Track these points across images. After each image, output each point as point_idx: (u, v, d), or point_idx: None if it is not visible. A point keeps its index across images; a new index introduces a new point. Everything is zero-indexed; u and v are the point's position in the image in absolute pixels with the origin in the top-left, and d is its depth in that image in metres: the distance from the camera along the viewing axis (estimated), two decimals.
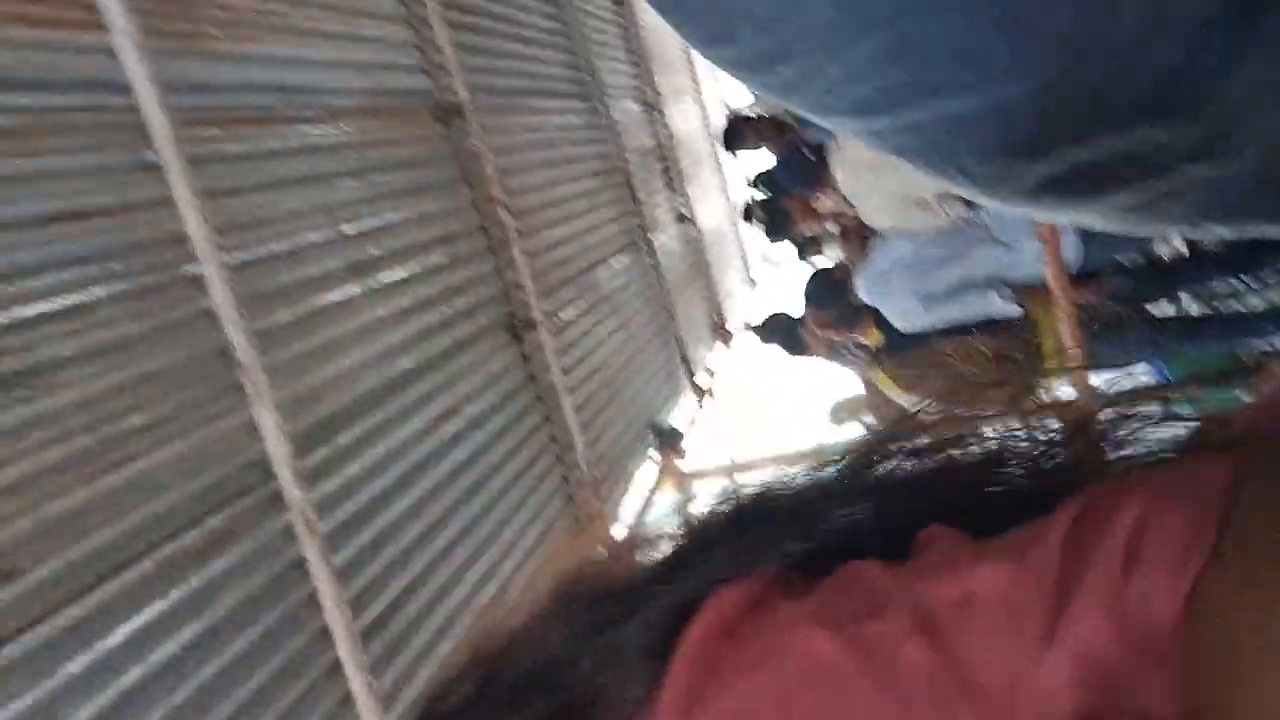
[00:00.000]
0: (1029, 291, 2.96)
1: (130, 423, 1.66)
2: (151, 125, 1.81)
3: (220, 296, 1.88)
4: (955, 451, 0.55)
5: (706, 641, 0.47)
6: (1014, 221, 2.95)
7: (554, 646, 0.50)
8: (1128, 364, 3.15)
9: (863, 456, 0.56)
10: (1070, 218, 0.55)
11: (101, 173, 1.72)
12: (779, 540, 0.52)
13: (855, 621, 0.44)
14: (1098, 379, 0.58)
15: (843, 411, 3.89)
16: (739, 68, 0.52)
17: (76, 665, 1.45)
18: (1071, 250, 2.85)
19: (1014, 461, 0.55)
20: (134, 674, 1.54)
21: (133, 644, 1.56)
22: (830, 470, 0.56)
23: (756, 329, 3.97)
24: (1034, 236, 2.85)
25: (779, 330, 3.77)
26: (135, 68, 1.79)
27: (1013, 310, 3.01)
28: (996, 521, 0.50)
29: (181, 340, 1.81)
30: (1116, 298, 3.02)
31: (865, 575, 0.48)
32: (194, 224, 1.84)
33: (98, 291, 1.66)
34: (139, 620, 1.58)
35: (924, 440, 0.56)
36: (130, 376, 1.68)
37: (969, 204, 3.02)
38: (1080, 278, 2.89)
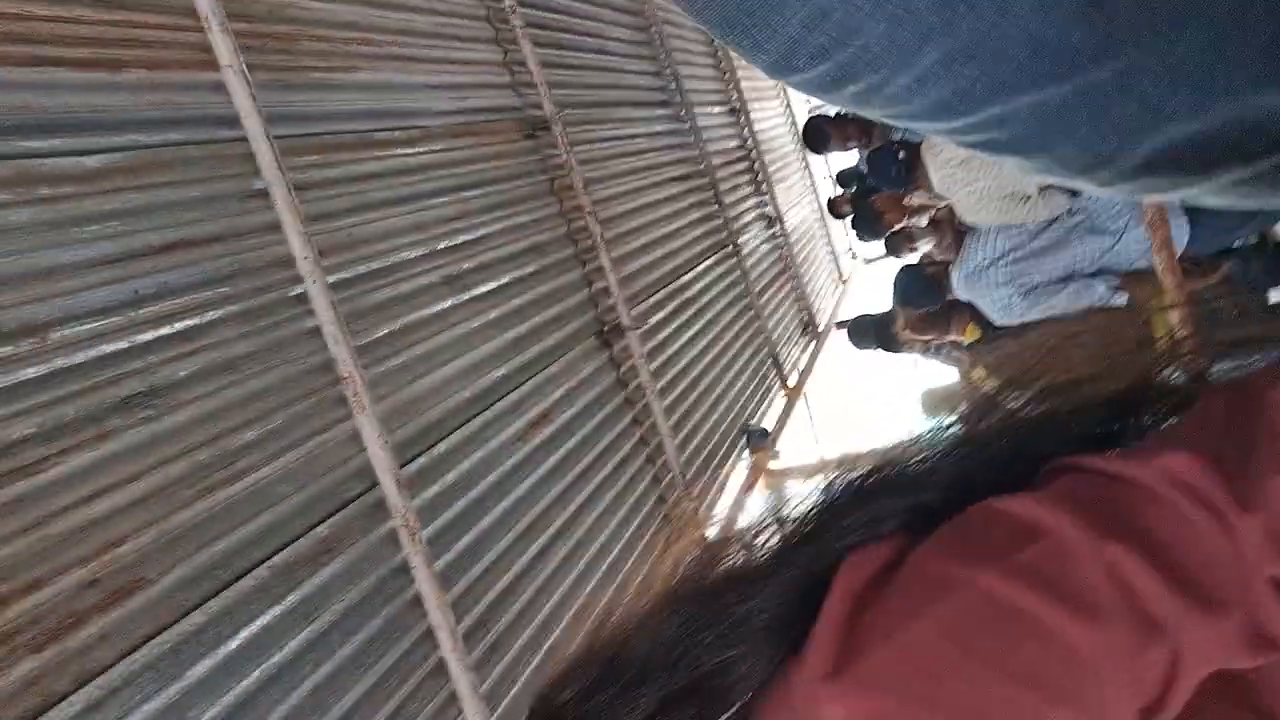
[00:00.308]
0: (1136, 280, 2.84)
1: (244, 437, 1.75)
2: (259, 155, 1.90)
3: (323, 314, 1.96)
4: (1058, 403, 0.56)
5: (851, 601, 0.48)
6: (1118, 208, 2.84)
7: (677, 629, 0.51)
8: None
9: (973, 415, 0.57)
10: (1181, 195, 0.53)
11: (213, 202, 1.82)
12: (901, 501, 0.53)
13: (1009, 555, 0.45)
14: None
15: (935, 400, 3.80)
16: (809, 88, 0.52)
17: (201, 668, 1.54)
18: (1181, 235, 2.72)
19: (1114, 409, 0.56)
20: (254, 676, 1.63)
21: (252, 647, 1.65)
22: (941, 433, 0.57)
23: (849, 336, 3.92)
24: (1140, 223, 2.74)
25: (869, 333, 3.71)
26: (243, 101, 1.89)
27: (1119, 300, 2.89)
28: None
29: (288, 357, 1.90)
30: (1231, 284, 2.87)
31: (1001, 511, 0.48)
32: (298, 246, 1.93)
33: (211, 314, 1.75)
34: (257, 625, 1.66)
35: (1031, 392, 0.57)
36: (242, 393, 1.77)
37: (1071, 193, 2.92)
38: (1191, 264, 2.76)
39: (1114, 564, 0.42)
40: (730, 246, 4.98)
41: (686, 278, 4.25)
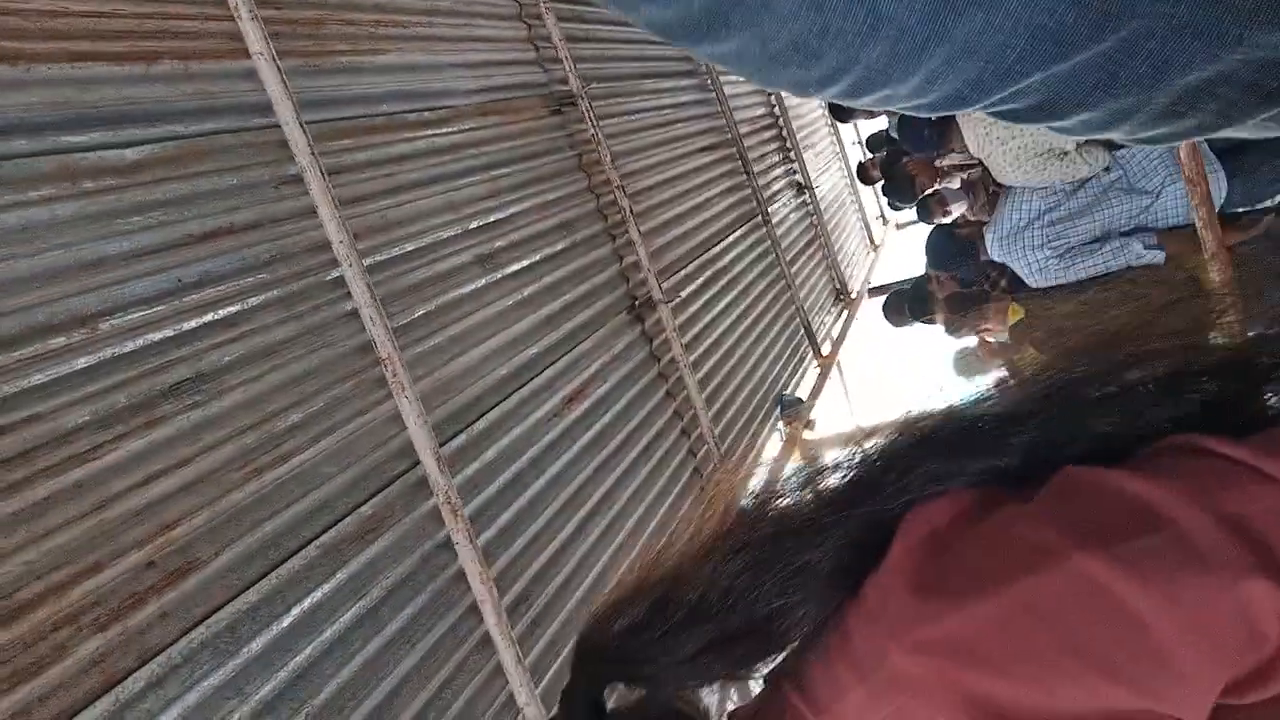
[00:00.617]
0: (1174, 237, 2.79)
1: (289, 420, 1.79)
2: (292, 141, 1.92)
3: (361, 297, 1.98)
4: (1143, 375, 0.54)
5: (918, 554, 0.48)
6: (1156, 164, 2.79)
7: (733, 574, 0.51)
8: None
9: (1048, 382, 0.55)
10: (1210, 135, 0.53)
11: (250, 189, 1.84)
12: (977, 462, 0.52)
13: (1122, 539, 0.42)
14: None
15: (969, 362, 3.76)
16: (834, 99, 0.53)
17: (257, 645, 1.59)
18: (1220, 191, 2.67)
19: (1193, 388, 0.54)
20: (306, 652, 1.67)
21: (304, 624, 1.69)
22: (1015, 394, 0.56)
23: (884, 315, 3.88)
24: (1178, 180, 2.68)
25: (903, 308, 3.66)
26: (275, 88, 1.90)
27: (1157, 257, 2.84)
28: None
29: (328, 340, 1.93)
30: (1270, 238, 2.81)
31: (1114, 487, 0.46)
32: (334, 230, 1.95)
33: (252, 300, 1.78)
34: (308, 602, 1.70)
35: (1112, 363, 0.55)
36: (285, 377, 1.81)
37: (1110, 148, 2.87)
38: (1230, 219, 2.71)
39: (1250, 602, 0.40)
40: (760, 216, 4.95)
41: (717, 249, 4.23)
